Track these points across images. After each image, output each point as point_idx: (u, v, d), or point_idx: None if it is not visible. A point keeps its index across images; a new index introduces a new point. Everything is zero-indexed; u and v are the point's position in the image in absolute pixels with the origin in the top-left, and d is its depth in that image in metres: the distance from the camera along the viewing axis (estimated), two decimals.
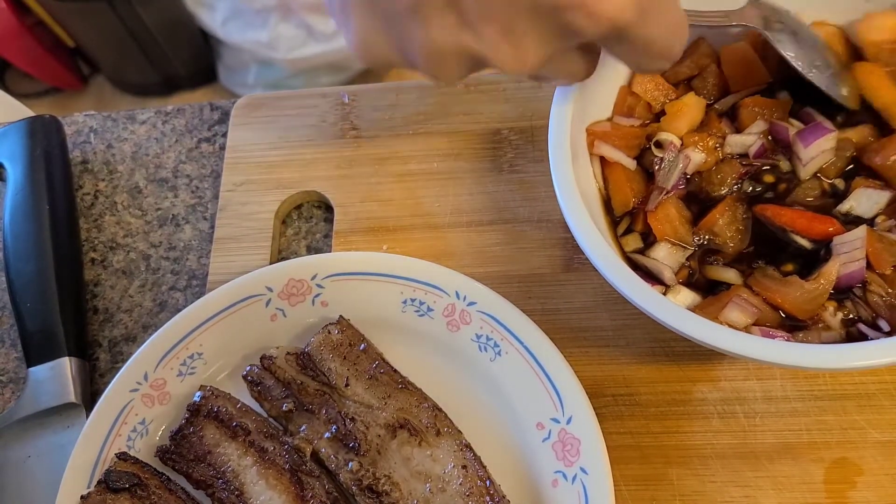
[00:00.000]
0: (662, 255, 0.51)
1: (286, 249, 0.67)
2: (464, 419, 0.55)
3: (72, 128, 0.76)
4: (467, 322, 0.57)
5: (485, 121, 0.68)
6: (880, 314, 0.47)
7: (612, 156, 0.54)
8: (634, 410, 0.56)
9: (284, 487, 0.53)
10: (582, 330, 0.59)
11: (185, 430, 0.55)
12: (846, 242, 0.48)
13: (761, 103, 0.54)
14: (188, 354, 0.58)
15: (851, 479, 0.52)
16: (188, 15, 1.98)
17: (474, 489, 0.52)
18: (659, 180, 0.53)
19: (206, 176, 0.72)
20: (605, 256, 0.46)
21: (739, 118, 0.55)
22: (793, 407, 0.54)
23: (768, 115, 0.54)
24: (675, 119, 0.54)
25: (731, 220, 0.51)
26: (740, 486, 0.53)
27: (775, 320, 0.48)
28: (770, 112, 0.54)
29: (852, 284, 0.47)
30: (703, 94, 0.56)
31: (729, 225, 0.51)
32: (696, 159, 0.53)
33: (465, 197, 0.65)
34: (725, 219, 0.51)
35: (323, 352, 0.56)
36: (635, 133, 0.54)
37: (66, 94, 2.29)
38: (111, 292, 0.68)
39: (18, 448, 0.60)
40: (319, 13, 1.92)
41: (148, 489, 0.53)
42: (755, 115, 0.54)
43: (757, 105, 0.54)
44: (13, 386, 0.65)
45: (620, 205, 0.54)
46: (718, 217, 0.51)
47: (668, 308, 0.44)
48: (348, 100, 0.71)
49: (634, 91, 0.56)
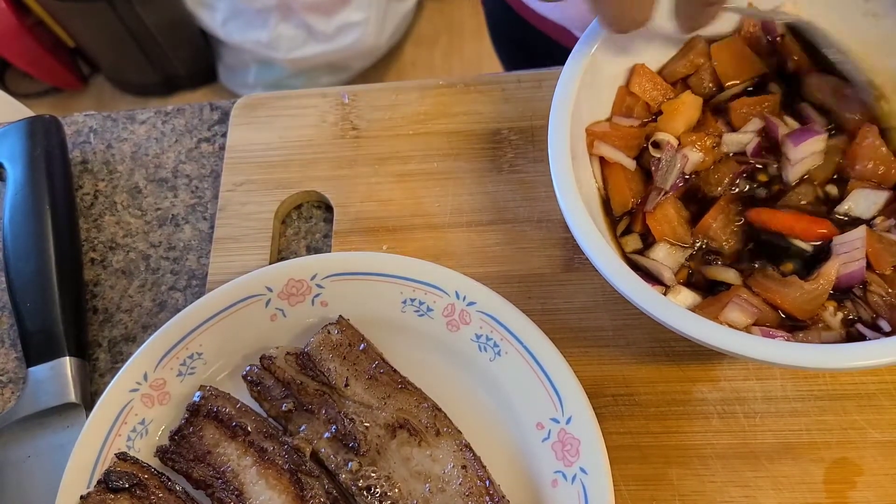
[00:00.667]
0: (661, 255, 0.51)
1: (286, 249, 0.67)
2: (464, 419, 0.55)
3: (72, 128, 0.76)
4: (467, 322, 0.57)
5: (485, 121, 0.68)
6: (881, 314, 0.47)
7: (611, 156, 0.54)
8: (634, 410, 0.56)
9: (284, 487, 0.53)
10: (582, 330, 0.59)
11: (184, 430, 0.55)
12: (846, 242, 0.48)
13: (750, 103, 0.54)
14: (188, 354, 0.58)
15: (851, 479, 0.52)
16: (188, 15, 1.98)
17: (474, 489, 0.52)
18: (657, 181, 0.53)
19: (206, 176, 0.72)
20: (605, 257, 0.46)
21: (731, 119, 0.55)
22: (793, 407, 0.54)
23: (760, 111, 0.54)
24: (672, 118, 0.54)
25: (725, 222, 0.51)
26: (740, 486, 0.53)
27: (775, 320, 0.48)
28: (761, 108, 0.54)
29: (852, 284, 0.47)
30: (700, 92, 0.56)
31: (724, 228, 0.51)
32: (694, 159, 0.53)
33: (465, 197, 0.65)
34: (719, 222, 0.51)
35: (323, 352, 0.56)
36: (634, 133, 0.54)
37: (66, 94, 2.30)
38: (111, 292, 0.68)
39: (18, 448, 0.60)
40: (319, 13, 1.93)
41: (148, 489, 0.53)
42: (746, 117, 0.54)
43: (746, 106, 0.54)
44: (13, 386, 0.65)
45: (620, 205, 0.54)
46: (712, 221, 0.51)
47: (668, 308, 0.44)
48: (348, 100, 0.71)
49: (633, 91, 0.56)
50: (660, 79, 0.56)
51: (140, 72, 2.15)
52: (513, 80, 0.70)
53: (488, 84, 0.70)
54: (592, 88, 0.53)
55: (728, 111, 0.55)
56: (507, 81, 0.70)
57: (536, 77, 0.69)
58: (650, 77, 0.56)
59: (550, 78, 0.69)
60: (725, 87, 0.56)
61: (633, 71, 0.56)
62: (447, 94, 0.70)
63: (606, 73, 0.55)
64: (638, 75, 0.56)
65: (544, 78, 0.69)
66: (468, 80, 0.70)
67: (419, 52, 2.26)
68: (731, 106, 0.55)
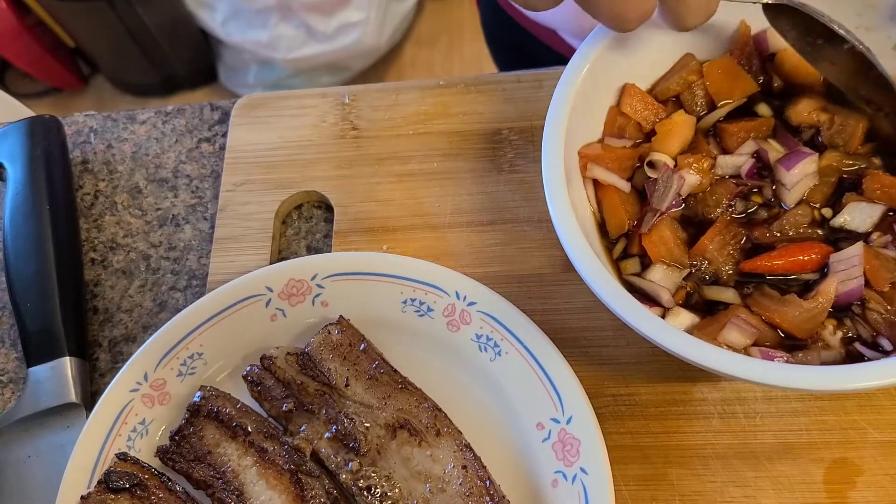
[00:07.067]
0: (658, 276, 0.51)
1: (286, 249, 0.67)
2: (464, 419, 0.55)
3: (72, 128, 0.76)
4: (467, 322, 0.57)
5: (485, 121, 0.68)
6: (880, 332, 0.46)
7: (606, 178, 0.53)
8: (634, 410, 0.56)
9: (284, 487, 0.53)
10: (582, 330, 0.59)
11: (185, 430, 0.55)
12: (843, 260, 0.47)
13: (746, 127, 0.54)
14: (188, 354, 0.58)
15: (851, 479, 0.52)
16: (188, 15, 1.98)
17: (474, 489, 0.52)
18: (653, 202, 0.52)
19: (206, 176, 0.72)
20: (602, 281, 0.46)
21: (724, 142, 0.54)
22: (793, 407, 0.54)
23: (755, 136, 0.54)
24: (666, 139, 0.54)
25: (722, 244, 0.51)
26: (740, 486, 0.53)
27: (774, 340, 0.47)
28: (757, 133, 0.54)
29: (851, 302, 0.47)
30: (691, 111, 0.56)
31: (720, 249, 0.50)
32: (691, 181, 0.52)
33: (465, 197, 0.65)
34: (716, 244, 0.50)
35: (323, 352, 0.56)
36: (628, 154, 0.54)
37: (66, 94, 2.30)
38: (111, 292, 0.68)
39: (18, 448, 0.60)
40: (319, 13, 1.93)
41: (148, 489, 0.53)
42: (739, 139, 0.54)
43: (740, 129, 0.54)
44: (13, 386, 0.65)
45: (616, 227, 0.53)
46: (709, 243, 0.50)
47: (668, 334, 0.44)
48: (348, 100, 0.71)
49: (624, 111, 0.55)
50: (651, 98, 0.56)
51: (140, 72, 2.15)
52: (513, 80, 0.70)
53: (488, 84, 0.70)
54: (583, 109, 0.53)
55: (721, 133, 0.55)
56: (506, 81, 0.70)
57: (536, 77, 0.69)
58: (641, 97, 0.55)
59: (550, 78, 0.69)
60: (718, 106, 0.56)
61: (623, 91, 0.56)
62: (447, 94, 0.70)
63: (597, 94, 0.54)
64: (629, 95, 0.55)
65: (544, 78, 0.69)
66: (468, 80, 0.70)
67: (419, 52, 2.26)
68: (725, 128, 0.54)
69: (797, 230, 0.50)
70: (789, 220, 0.50)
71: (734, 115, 0.56)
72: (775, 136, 0.54)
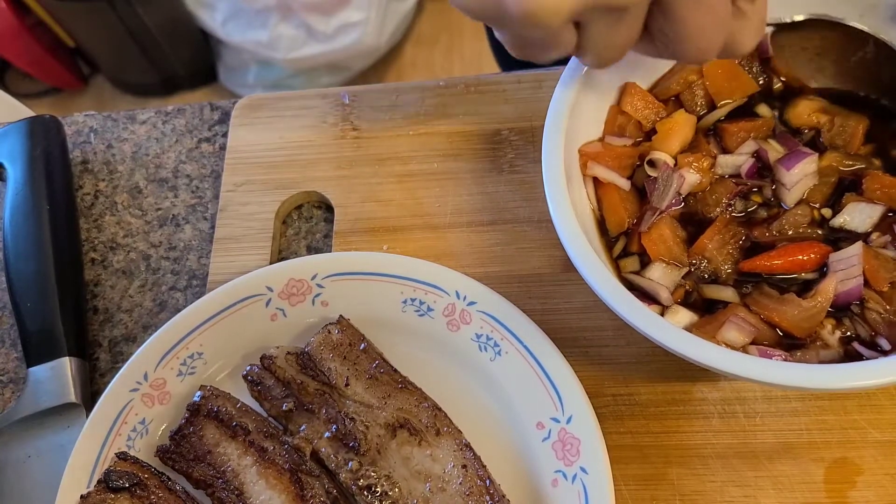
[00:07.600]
0: (657, 275, 0.51)
1: (286, 249, 0.67)
2: (464, 419, 0.55)
3: (72, 128, 0.76)
4: (467, 322, 0.57)
5: (485, 121, 0.68)
6: (879, 332, 0.46)
7: (606, 177, 0.53)
8: (634, 410, 0.56)
9: (284, 487, 0.53)
10: (582, 330, 0.59)
11: (185, 430, 0.55)
12: (842, 259, 0.47)
13: (746, 127, 0.54)
14: (188, 354, 0.58)
15: (851, 479, 0.52)
16: (188, 15, 1.98)
17: (474, 489, 0.52)
18: (653, 200, 0.52)
19: (207, 176, 0.72)
20: (601, 278, 0.46)
21: (724, 142, 0.54)
22: (793, 407, 0.54)
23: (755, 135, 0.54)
24: (667, 138, 0.54)
25: (721, 243, 0.51)
26: (740, 486, 0.53)
27: (773, 339, 0.47)
28: (757, 133, 0.54)
29: (850, 302, 0.47)
30: (692, 110, 0.56)
31: (720, 248, 0.50)
32: (691, 180, 0.52)
33: (465, 197, 0.65)
34: (715, 242, 0.50)
35: (323, 351, 0.56)
36: (628, 153, 0.54)
37: (66, 94, 2.29)
38: (111, 292, 0.68)
39: (18, 448, 0.60)
40: (319, 13, 1.93)
41: (148, 489, 0.53)
42: (739, 139, 0.54)
43: (740, 129, 0.54)
44: (13, 386, 0.65)
45: (615, 225, 0.53)
46: (708, 241, 0.50)
47: (662, 327, 0.44)
48: (348, 100, 0.71)
49: (625, 110, 0.55)
50: (651, 97, 0.56)
51: (140, 72, 2.15)
52: (513, 80, 0.70)
53: (488, 84, 0.70)
54: (583, 107, 0.53)
55: (721, 133, 0.55)
56: (507, 82, 0.70)
57: (536, 77, 0.69)
58: (642, 96, 0.56)
59: (550, 78, 0.69)
60: (718, 106, 0.56)
61: (624, 90, 0.56)
62: (447, 94, 0.70)
63: (597, 93, 0.55)
64: (629, 94, 0.55)
65: (544, 78, 0.69)
66: (468, 80, 0.70)
67: (419, 52, 2.26)
68: (725, 128, 0.54)
69: (797, 230, 0.50)
70: (789, 220, 0.50)
71: (734, 114, 0.56)
72: (775, 136, 0.54)
